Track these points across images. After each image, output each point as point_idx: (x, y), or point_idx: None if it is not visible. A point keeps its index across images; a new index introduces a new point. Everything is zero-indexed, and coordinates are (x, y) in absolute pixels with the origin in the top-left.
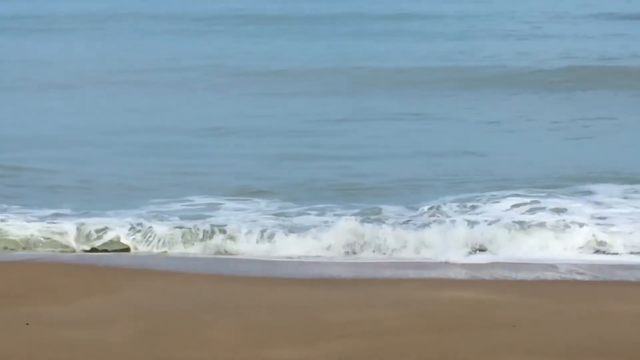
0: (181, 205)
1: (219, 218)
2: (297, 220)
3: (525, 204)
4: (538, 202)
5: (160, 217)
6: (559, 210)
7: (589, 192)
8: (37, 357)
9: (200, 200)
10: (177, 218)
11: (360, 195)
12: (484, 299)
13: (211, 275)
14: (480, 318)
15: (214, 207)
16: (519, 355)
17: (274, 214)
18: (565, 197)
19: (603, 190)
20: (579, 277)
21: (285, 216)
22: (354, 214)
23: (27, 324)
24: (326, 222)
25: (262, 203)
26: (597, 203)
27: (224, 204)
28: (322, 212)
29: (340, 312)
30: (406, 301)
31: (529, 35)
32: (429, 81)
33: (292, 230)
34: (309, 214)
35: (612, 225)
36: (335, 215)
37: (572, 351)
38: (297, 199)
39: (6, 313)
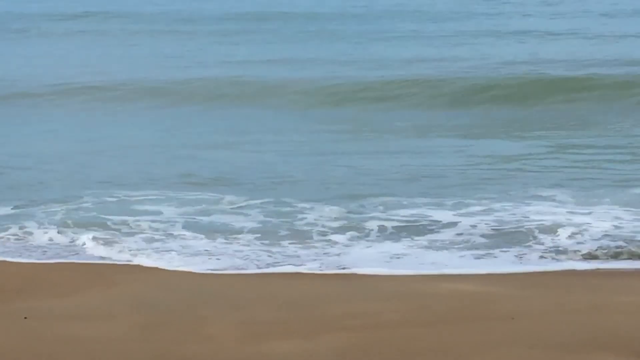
0: None
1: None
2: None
3: None
4: None
5: None
6: None
7: None
8: (36, 352)
9: None
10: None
11: None
12: (482, 291)
13: (210, 269)
14: (479, 311)
15: None
16: (517, 347)
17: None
18: None
19: None
20: (578, 269)
21: None
22: None
23: (26, 318)
24: None
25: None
26: None
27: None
28: None
29: (339, 305)
30: (404, 294)
31: None
32: None
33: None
34: None
35: None
36: None
37: (571, 343)
38: None
39: (4, 307)
